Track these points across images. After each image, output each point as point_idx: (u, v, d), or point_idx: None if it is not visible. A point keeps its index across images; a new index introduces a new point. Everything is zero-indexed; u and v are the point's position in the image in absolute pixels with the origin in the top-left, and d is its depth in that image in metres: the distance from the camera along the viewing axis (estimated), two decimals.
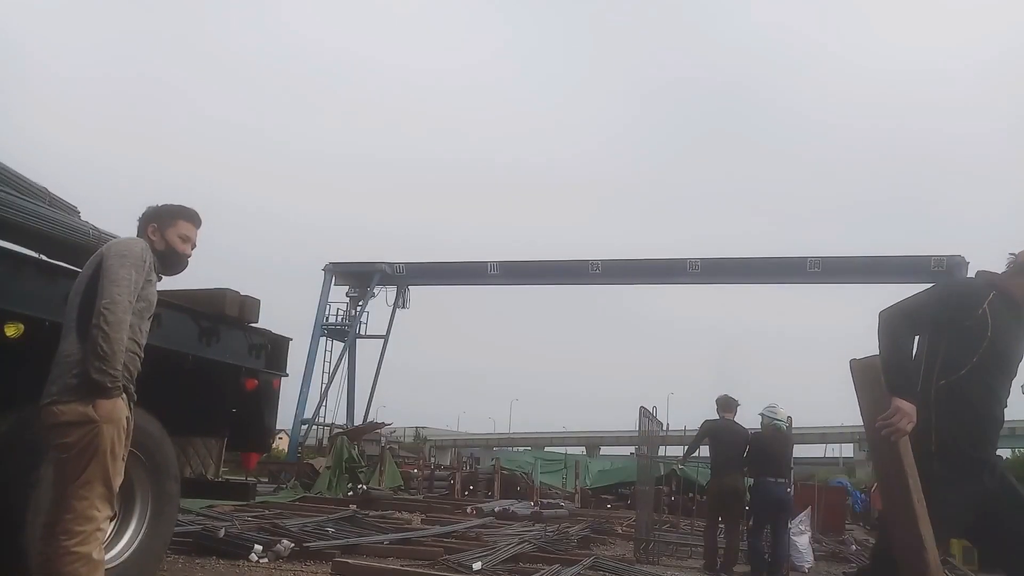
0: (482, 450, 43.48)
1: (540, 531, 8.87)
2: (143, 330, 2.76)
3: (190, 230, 2.94)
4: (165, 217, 2.90)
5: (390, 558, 6.20)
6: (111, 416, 2.56)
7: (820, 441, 53.72)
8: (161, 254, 2.87)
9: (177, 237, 2.89)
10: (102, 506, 2.55)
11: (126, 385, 2.66)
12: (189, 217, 2.96)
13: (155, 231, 2.88)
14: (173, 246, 2.88)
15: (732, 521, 7.31)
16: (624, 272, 25.37)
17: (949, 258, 21.45)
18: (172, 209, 2.93)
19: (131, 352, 2.67)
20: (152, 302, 2.82)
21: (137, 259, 2.68)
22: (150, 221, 2.89)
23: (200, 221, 3.00)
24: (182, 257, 2.93)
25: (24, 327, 2.94)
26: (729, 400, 7.66)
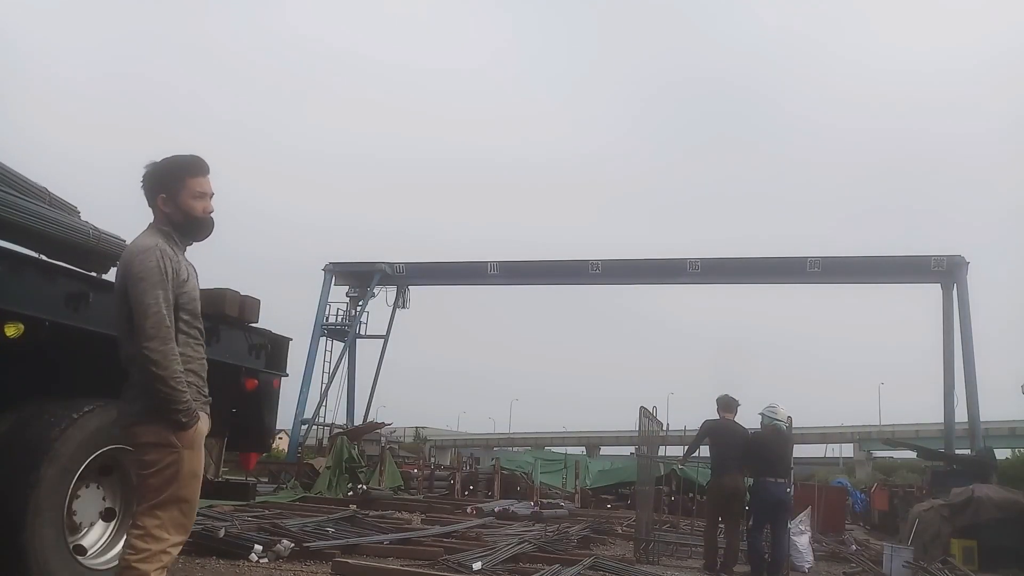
0: (482, 450, 43.50)
1: (540, 531, 8.87)
2: (199, 327, 2.63)
3: (202, 184, 2.61)
4: (170, 181, 2.58)
5: (390, 558, 6.20)
6: (192, 443, 2.51)
7: (820, 441, 53.73)
8: (180, 225, 2.60)
9: (191, 199, 2.58)
10: (173, 530, 2.48)
11: (202, 393, 2.60)
12: (195, 169, 2.61)
13: (166, 201, 2.58)
14: (190, 211, 2.58)
15: (732, 521, 7.30)
16: (624, 272, 25.36)
17: (949, 258, 21.45)
18: (174, 169, 2.59)
19: (199, 359, 2.60)
20: (194, 296, 2.61)
21: (154, 275, 2.45)
22: (157, 192, 2.58)
23: (207, 168, 2.64)
24: (203, 219, 2.63)
25: (24, 327, 2.93)
26: (729, 400, 7.65)
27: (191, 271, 2.67)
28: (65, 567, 3.09)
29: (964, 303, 20.79)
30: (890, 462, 46.49)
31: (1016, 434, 38.61)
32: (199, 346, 2.62)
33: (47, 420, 3.09)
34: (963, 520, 9.48)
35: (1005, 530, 9.22)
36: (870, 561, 9.18)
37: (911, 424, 45.69)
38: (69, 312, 3.14)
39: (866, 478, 37.40)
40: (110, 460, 3.39)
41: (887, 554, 8.52)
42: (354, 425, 23.66)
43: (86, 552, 3.33)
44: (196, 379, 2.58)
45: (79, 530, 3.33)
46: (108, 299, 3.35)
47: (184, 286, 2.57)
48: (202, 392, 2.62)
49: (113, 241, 4.25)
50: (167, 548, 2.47)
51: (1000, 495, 9.82)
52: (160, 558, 2.45)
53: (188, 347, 2.57)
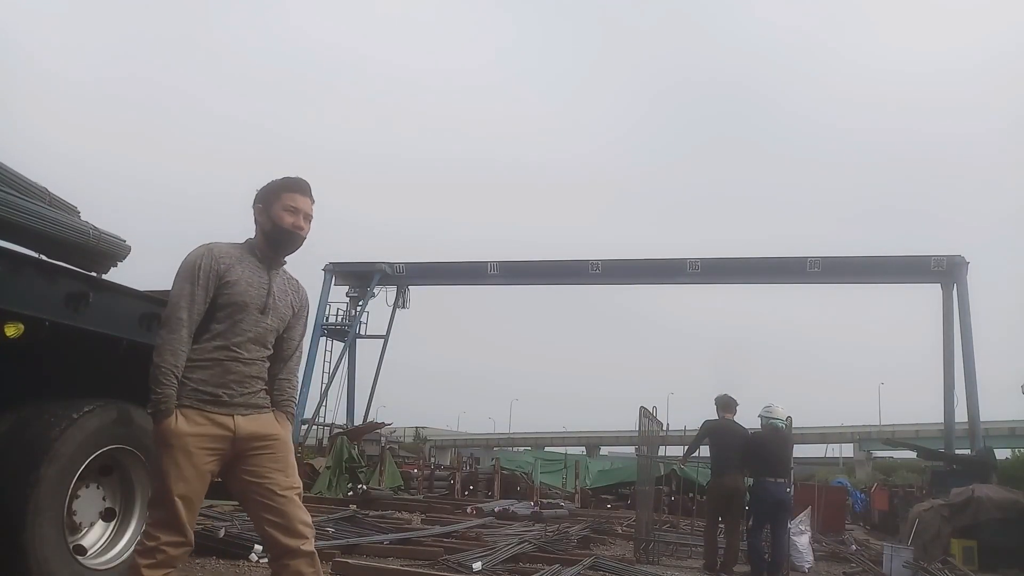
0: (482, 450, 43.49)
1: (540, 531, 8.87)
2: (240, 332, 2.58)
3: (296, 200, 2.69)
4: (269, 193, 2.71)
5: (390, 558, 6.20)
6: (161, 439, 2.48)
7: (820, 441, 53.72)
8: (268, 234, 2.68)
9: (281, 211, 2.66)
10: (164, 529, 2.45)
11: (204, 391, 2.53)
12: (293, 187, 2.72)
13: (261, 211, 2.70)
14: (278, 221, 2.66)
15: (732, 521, 7.30)
16: (624, 272, 25.36)
17: (949, 258, 21.45)
18: (276, 183, 2.73)
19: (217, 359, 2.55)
20: (241, 301, 2.59)
21: (187, 270, 2.55)
22: (256, 202, 2.73)
23: (306, 189, 2.74)
24: (288, 232, 2.68)
25: (24, 327, 2.93)
26: (729, 400, 7.65)
27: (257, 282, 2.65)
28: (65, 567, 3.08)
29: (964, 303, 20.78)
30: (890, 462, 46.48)
31: (1016, 434, 38.60)
32: (227, 349, 2.58)
33: (47, 420, 3.08)
34: (963, 520, 9.48)
35: (1005, 530, 9.22)
36: (870, 561, 9.18)
37: (911, 424, 45.71)
38: (69, 312, 3.13)
39: (866, 478, 37.40)
40: (110, 460, 3.39)
41: (887, 554, 8.52)
42: (354, 425, 23.66)
43: (86, 552, 3.33)
44: (206, 375, 2.54)
45: (79, 530, 3.32)
46: (108, 299, 3.36)
47: (227, 287, 2.58)
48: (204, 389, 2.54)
49: (113, 241, 4.25)
50: (160, 546, 2.44)
51: (1000, 495, 9.82)
52: (154, 555, 2.44)
53: (210, 346, 2.56)
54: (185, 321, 2.50)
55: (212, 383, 2.55)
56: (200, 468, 2.50)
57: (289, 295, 2.77)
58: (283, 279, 2.77)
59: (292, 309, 2.77)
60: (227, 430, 2.54)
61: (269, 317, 2.66)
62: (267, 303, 2.65)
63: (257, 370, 2.65)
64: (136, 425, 3.40)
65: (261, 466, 2.59)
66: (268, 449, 2.61)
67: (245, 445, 2.57)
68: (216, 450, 2.53)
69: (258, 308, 2.63)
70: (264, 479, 2.58)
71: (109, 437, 3.27)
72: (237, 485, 2.62)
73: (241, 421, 2.57)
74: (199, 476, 2.51)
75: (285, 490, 2.60)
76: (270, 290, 2.68)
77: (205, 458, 2.51)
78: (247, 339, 2.60)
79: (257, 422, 2.61)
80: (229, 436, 2.54)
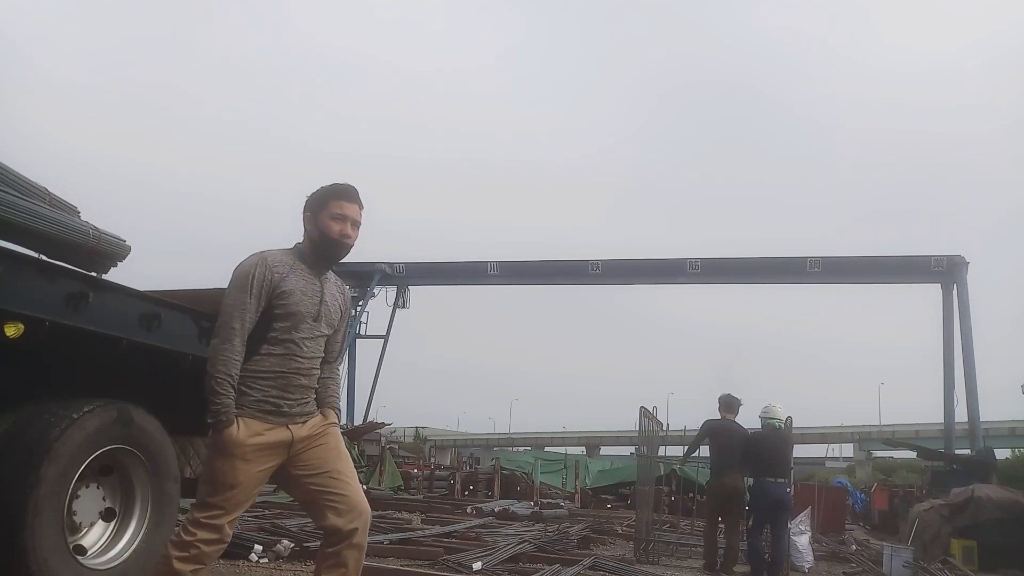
0: (482, 450, 43.48)
1: (540, 531, 8.87)
2: (297, 341, 2.61)
3: (343, 207, 2.68)
4: (317, 201, 2.70)
5: (390, 558, 6.19)
6: (219, 448, 2.50)
7: (820, 441, 53.72)
8: (315, 242, 2.69)
9: (329, 220, 2.66)
10: (203, 529, 2.49)
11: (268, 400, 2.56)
12: (340, 194, 2.70)
13: (309, 219, 2.71)
14: (325, 230, 2.66)
15: (732, 521, 7.30)
16: (624, 272, 25.34)
17: (949, 258, 21.43)
18: (323, 190, 2.72)
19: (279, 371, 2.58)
20: (298, 312, 2.60)
21: (241, 280, 2.56)
22: (304, 210, 2.73)
23: (354, 196, 2.72)
24: (335, 240, 2.67)
25: (24, 327, 2.93)
26: (731, 400, 7.65)
27: (309, 290, 2.67)
28: (65, 567, 3.08)
29: (964, 303, 20.76)
30: (890, 462, 46.49)
31: (1016, 434, 38.62)
32: (288, 359, 2.60)
33: (47, 420, 3.08)
34: (963, 520, 9.48)
35: (1005, 530, 9.22)
36: (870, 561, 9.18)
37: (911, 424, 45.71)
38: (69, 312, 3.13)
39: (866, 478, 37.39)
40: (110, 460, 3.39)
41: (887, 554, 8.52)
42: (354, 425, 23.65)
43: (86, 552, 3.32)
44: (268, 386, 2.57)
45: (79, 530, 3.32)
46: (108, 299, 3.36)
47: (282, 298, 2.59)
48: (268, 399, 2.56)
49: (113, 241, 4.25)
50: (196, 542, 2.49)
51: (1000, 495, 9.82)
52: (188, 549, 2.48)
53: (270, 357, 2.58)
54: (238, 331, 2.53)
55: (275, 394, 2.59)
56: (256, 475, 2.57)
57: (337, 299, 2.79)
58: (332, 284, 2.80)
59: (340, 313, 2.80)
60: (285, 438, 2.60)
61: (322, 324, 2.70)
62: (320, 311, 2.69)
63: (313, 379, 2.71)
64: (136, 425, 3.40)
65: (317, 458, 2.65)
66: (321, 442, 2.68)
67: (299, 446, 2.63)
68: (274, 456, 2.59)
69: (312, 316, 2.66)
70: (321, 469, 2.63)
71: (109, 437, 3.27)
72: (293, 483, 2.67)
73: (296, 429, 2.62)
74: (255, 482, 2.58)
75: (343, 473, 2.66)
76: (322, 298, 2.70)
77: (264, 464, 2.57)
78: (305, 349, 2.64)
79: (308, 427, 2.67)
80: (287, 443, 2.60)
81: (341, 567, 2.59)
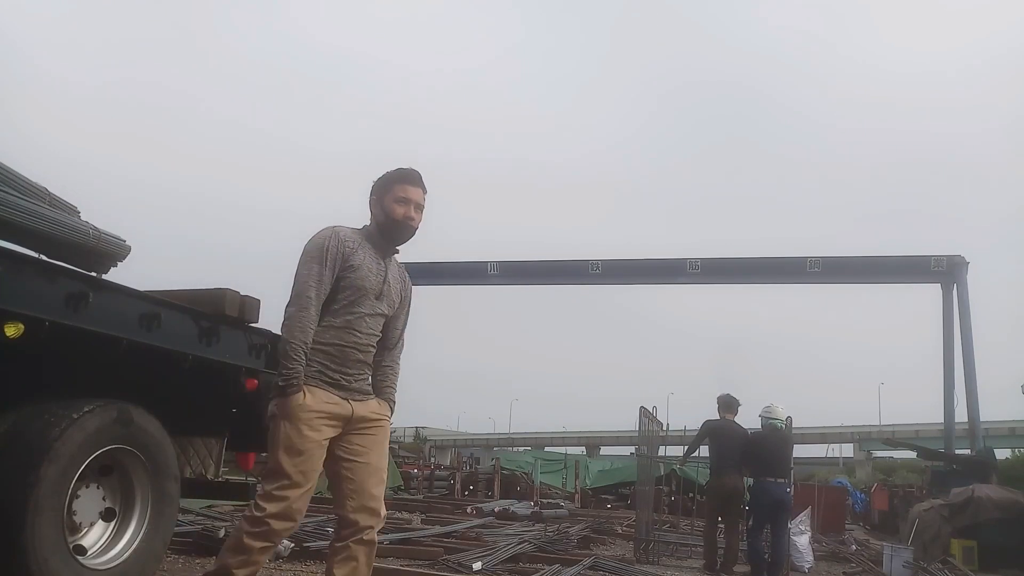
0: (482, 450, 43.46)
1: (540, 531, 8.87)
2: (359, 315, 2.67)
3: (408, 191, 2.74)
4: (383, 185, 2.77)
5: (390, 558, 6.19)
6: (287, 413, 2.54)
7: (820, 441, 53.70)
8: (383, 225, 2.76)
9: (393, 202, 2.72)
10: (273, 502, 2.51)
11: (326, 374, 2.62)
12: (404, 178, 2.77)
13: (375, 203, 2.77)
14: (390, 212, 2.72)
15: (732, 521, 7.30)
16: (624, 272, 25.33)
17: (949, 258, 21.42)
18: (389, 175, 2.79)
19: (338, 344, 2.64)
20: (363, 287, 2.68)
21: (316, 251, 2.63)
22: (371, 193, 2.79)
23: (418, 180, 2.78)
24: (400, 223, 2.73)
25: (24, 327, 2.93)
26: (731, 400, 7.65)
27: (375, 268, 2.74)
28: (65, 567, 3.07)
29: (964, 303, 20.75)
30: (890, 462, 46.48)
31: (1016, 434, 38.62)
32: (347, 333, 2.66)
33: (47, 420, 3.07)
34: (963, 520, 9.48)
35: (1005, 530, 9.22)
36: (870, 561, 9.18)
37: (911, 424, 45.71)
38: (69, 312, 3.13)
39: (866, 478, 37.39)
40: (110, 460, 3.38)
41: (887, 554, 8.52)
42: None
43: (86, 552, 3.32)
44: (327, 359, 2.64)
45: (79, 530, 3.31)
46: (108, 299, 3.35)
47: (350, 271, 2.66)
48: (327, 372, 2.63)
49: (113, 241, 4.25)
50: (266, 518, 2.51)
51: (1000, 495, 9.82)
52: (259, 524, 2.51)
53: (331, 330, 2.65)
54: (314, 300, 2.60)
55: (334, 367, 2.65)
56: (320, 445, 2.60)
57: (400, 283, 2.86)
58: (395, 267, 2.86)
59: (400, 297, 2.86)
60: (346, 412, 2.65)
61: (383, 303, 2.76)
62: (382, 290, 2.76)
63: (369, 356, 2.76)
64: (136, 425, 3.40)
65: (359, 444, 2.69)
66: (370, 431, 2.73)
67: (354, 426, 2.68)
68: (334, 428, 2.63)
69: (374, 294, 2.73)
70: (361, 459, 2.68)
71: (109, 437, 3.26)
72: (329, 458, 2.70)
73: (355, 405, 2.68)
74: (319, 452, 2.60)
75: (378, 471, 2.72)
76: (386, 277, 2.78)
77: (326, 434, 2.61)
78: (364, 325, 2.70)
79: (367, 406, 2.73)
80: (347, 417, 2.66)
81: (352, 560, 2.63)
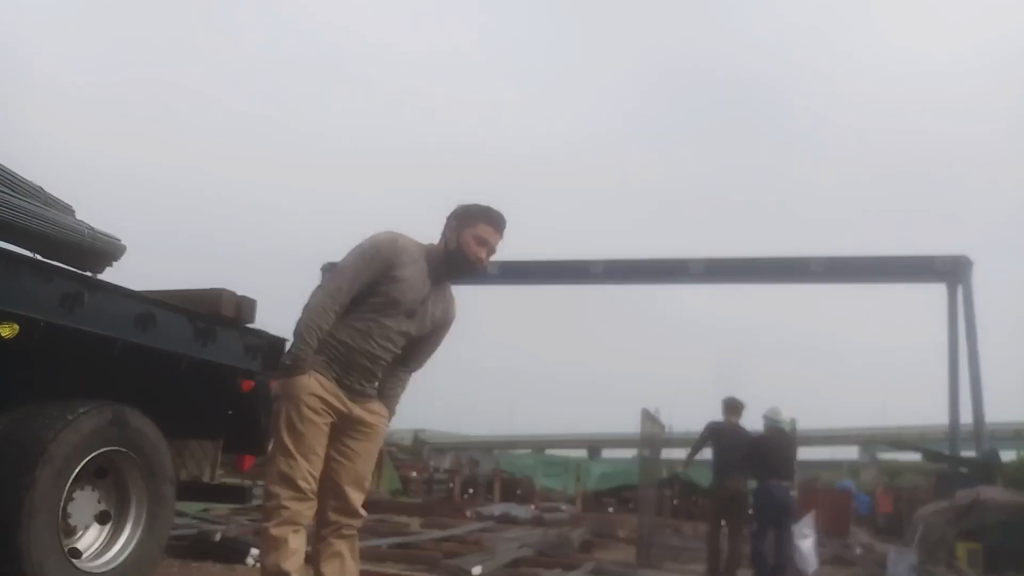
0: (482, 452, 43.38)
1: (541, 535, 8.83)
2: (381, 325, 2.64)
3: (489, 233, 2.74)
4: (467, 217, 2.74)
5: (388, 562, 6.15)
6: (288, 392, 2.56)
7: (825, 443, 53.53)
8: (451, 253, 2.73)
9: (472, 238, 2.71)
10: (283, 485, 2.52)
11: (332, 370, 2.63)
12: (492, 220, 2.76)
13: (453, 229, 2.75)
14: (464, 247, 2.71)
15: (735, 525, 7.26)
16: (625, 272, 25.23)
17: (954, 258, 21.33)
18: (477, 210, 2.76)
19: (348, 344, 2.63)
20: (397, 300, 2.64)
21: (366, 248, 2.63)
22: (452, 219, 2.77)
23: (502, 226, 2.78)
24: (472, 261, 2.73)
25: (19, 327, 2.90)
26: (735, 403, 7.61)
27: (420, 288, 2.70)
28: (60, 570, 3.05)
29: (969, 304, 20.64)
30: (895, 464, 46.33)
31: (1021, 436, 38.45)
32: (363, 338, 2.65)
33: (42, 422, 3.06)
34: (968, 523, 9.41)
35: (1011, 533, 9.15)
36: (875, 565, 9.11)
37: (916, 426, 45.52)
38: (64, 312, 3.11)
39: (871, 481, 37.27)
40: (105, 462, 3.36)
41: (892, 558, 8.46)
42: None
43: (81, 555, 3.30)
44: (336, 356, 2.63)
45: (74, 533, 3.29)
46: (103, 299, 3.33)
47: (391, 281, 2.62)
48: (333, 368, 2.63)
49: (109, 241, 4.21)
50: (281, 503, 2.51)
51: (1005, 497, 9.75)
52: (278, 513, 2.51)
53: (349, 329, 2.64)
54: (344, 291, 2.61)
55: (340, 366, 2.65)
56: (321, 429, 2.60)
57: (441, 312, 2.83)
58: (443, 292, 2.83)
59: (434, 324, 2.82)
60: (344, 407, 2.66)
61: (413, 324, 2.73)
62: (417, 311, 2.72)
63: (380, 368, 2.75)
64: (131, 427, 3.37)
65: (349, 447, 2.72)
66: (363, 436, 2.73)
67: (349, 426, 2.69)
68: (332, 415, 2.63)
69: (406, 312, 2.70)
70: (344, 460, 2.69)
71: (104, 439, 3.24)
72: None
73: (352, 405, 2.69)
74: (320, 435, 2.60)
75: (357, 476, 2.73)
76: (425, 300, 2.74)
77: (325, 419, 2.61)
78: (385, 337, 2.69)
79: (366, 409, 2.73)
80: (344, 412, 2.67)
81: (337, 557, 2.66)
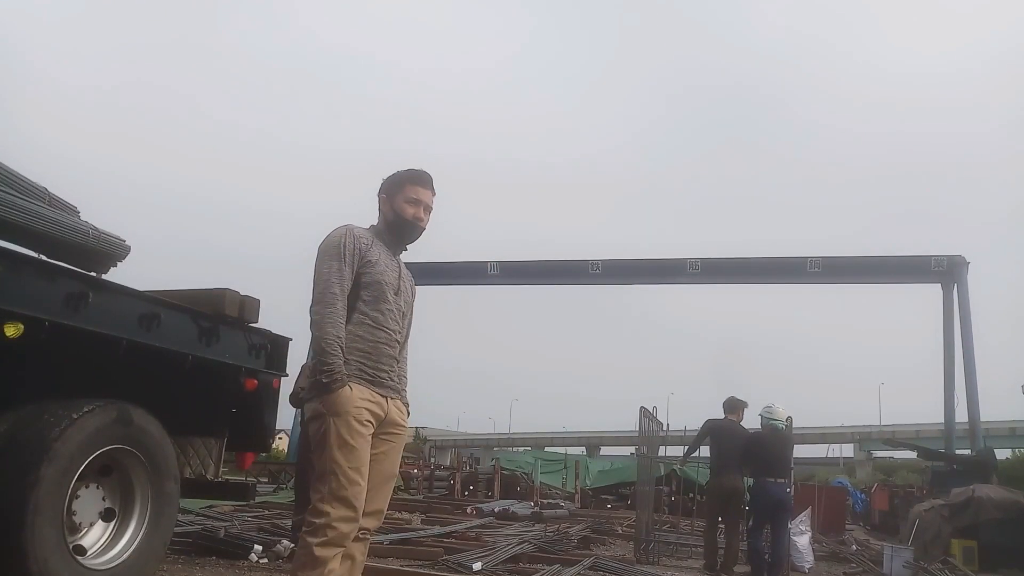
0: (482, 450, 43.45)
1: (540, 531, 8.87)
2: (384, 311, 2.67)
3: (419, 192, 2.78)
4: (394, 185, 2.80)
5: (390, 558, 6.19)
6: (335, 409, 2.51)
7: (820, 441, 53.62)
8: (392, 224, 2.79)
9: (404, 203, 2.76)
10: (335, 503, 2.46)
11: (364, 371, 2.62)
12: (417, 179, 2.80)
13: (384, 201, 2.80)
14: (401, 213, 2.76)
15: (732, 521, 7.30)
16: (624, 272, 25.31)
17: (949, 258, 21.41)
18: (401, 174, 2.81)
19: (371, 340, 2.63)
20: (382, 280, 2.68)
21: (332, 248, 2.63)
22: (381, 192, 2.82)
23: (428, 182, 2.82)
24: (410, 223, 2.77)
25: (24, 327, 2.93)
26: (736, 402, 7.65)
27: (390, 264, 2.75)
28: (65, 567, 3.08)
29: (964, 303, 20.74)
30: (890, 462, 46.44)
31: (1016, 434, 38.58)
32: (376, 329, 2.66)
33: (47, 420, 3.08)
34: (963, 520, 9.47)
35: (1005, 530, 9.21)
36: (870, 561, 9.17)
37: (911, 424, 45.64)
38: (69, 312, 3.14)
39: (866, 478, 37.36)
40: (110, 460, 3.39)
41: (887, 554, 8.52)
42: None
43: (86, 552, 3.32)
44: (362, 356, 2.63)
45: (79, 530, 3.32)
46: (108, 299, 3.36)
47: (368, 267, 2.66)
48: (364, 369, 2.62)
49: (113, 241, 4.25)
50: (331, 522, 2.46)
51: (1000, 495, 9.81)
52: (325, 532, 2.46)
53: (361, 327, 2.64)
54: (339, 295, 2.59)
55: (370, 363, 2.64)
56: (367, 436, 2.58)
57: (409, 281, 2.88)
58: (402, 265, 2.87)
59: (411, 295, 2.87)
60: (382, 410, 2.65)
61: (402, 299, 2.77)
62: (399, 285, 2.77)
63: (396, 351, 2.75)
64: (136, 425, 3.40)
65: (380, 450, 2.69)
66: (392, 439, 2.73)
67: (383, 429, 2.68)
68: (374, 423, 2.62)
69: (393, 289, 2.73)
70: (375, 463, 2.65)
71: (109, 437, 3.27)
72: None
73: (390, 405, 2.68)
74: (367, 442, 2.59)
75: (387, 476, 2.73)
76: (400, 273, 2.80)
77: (371, 428, 2.60)
78: (391, 320, 2.70)
79: (398, 408, 2.73)
80: (382, 416, 2.65)
81: (348, 559, 2.63)
